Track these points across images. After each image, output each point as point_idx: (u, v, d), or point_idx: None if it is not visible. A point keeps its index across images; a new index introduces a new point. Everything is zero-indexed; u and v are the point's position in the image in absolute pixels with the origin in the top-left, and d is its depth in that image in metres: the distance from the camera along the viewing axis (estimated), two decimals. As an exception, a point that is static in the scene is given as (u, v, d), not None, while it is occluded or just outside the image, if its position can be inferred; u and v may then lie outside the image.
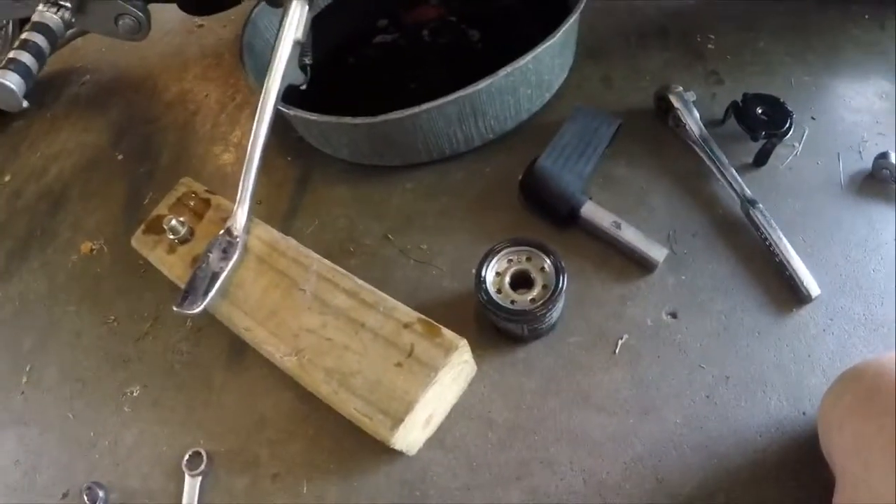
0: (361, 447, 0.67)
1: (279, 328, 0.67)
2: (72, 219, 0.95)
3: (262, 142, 0.75)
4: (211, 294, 0.68)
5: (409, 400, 0.59)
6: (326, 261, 0.70)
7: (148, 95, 1.09)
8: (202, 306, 0.67)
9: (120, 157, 1.00)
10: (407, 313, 0.64)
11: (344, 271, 0.69)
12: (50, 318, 0.86)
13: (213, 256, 0.71)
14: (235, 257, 0.71)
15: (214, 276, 0.70)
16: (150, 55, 1.17)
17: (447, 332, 0.62)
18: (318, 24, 0.80)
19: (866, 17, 0.91)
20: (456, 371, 0.65)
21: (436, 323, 0.63)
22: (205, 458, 0.68)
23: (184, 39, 1.20)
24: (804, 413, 0.62)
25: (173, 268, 0.75)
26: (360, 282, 0.68)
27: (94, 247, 0.91)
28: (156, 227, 0.79)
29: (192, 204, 0.81)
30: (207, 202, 0.80)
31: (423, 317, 0.64)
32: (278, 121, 0.78)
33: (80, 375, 0.79)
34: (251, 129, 0.74)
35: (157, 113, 1.05)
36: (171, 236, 0.75)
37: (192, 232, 0.77)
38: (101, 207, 0.95)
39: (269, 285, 0.70)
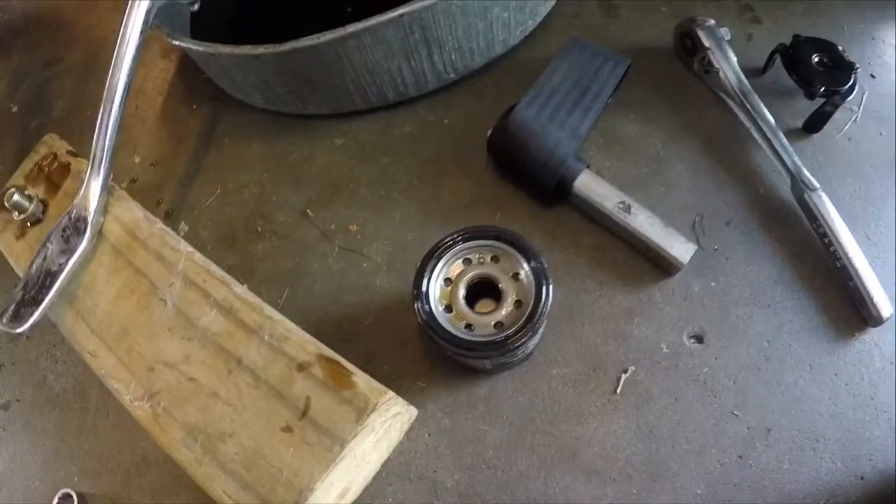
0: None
1: (130, 356, 0.45)
2: (-43, 182, 0.79)
3: (124, 78, 0.50)
4: (44, 303, 0.47)
5: (301, 486, 0.37)
6: (199, 256, 0.46)
7: (52, 34, 0.88)
8: (28, 324, 0.47)
9: (14, 108, 0.79)
10: (303, 346, 0.40)
11: (221, 273, 0.45)
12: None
13: (53, 248, 0.49)
14: (81, 249, 0.48)
15: (51, 277, 0.48)
16: (63, -14, 0.98)
17: (362, 382, 0.38)
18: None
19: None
20: (380, 431, 0.42)
21: (345, 363, 0.40)
22: (76, 502, 0.53)
23: (101, -37, 1.00)
24: (862, 478, 0.45)
25: (20, 258, 0.53)
26: (241, 290, 0.43)
27: (-29, 218, 0.73)
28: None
29: (49, 170, 0.55)
30: (67, 167, 0.55)
31: (327, 352, 0.40)
32: (186, 58, 0.65)
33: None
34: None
35: (59, 54, 0.83)
36: (17, 215, 0.53)
37: (44, 209, 0.54)
38: (-13, 170, 0.77)
39: (123, 289, 0.47)
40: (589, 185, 0.51)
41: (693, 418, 0.47)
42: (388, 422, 0.41)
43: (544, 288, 0.40)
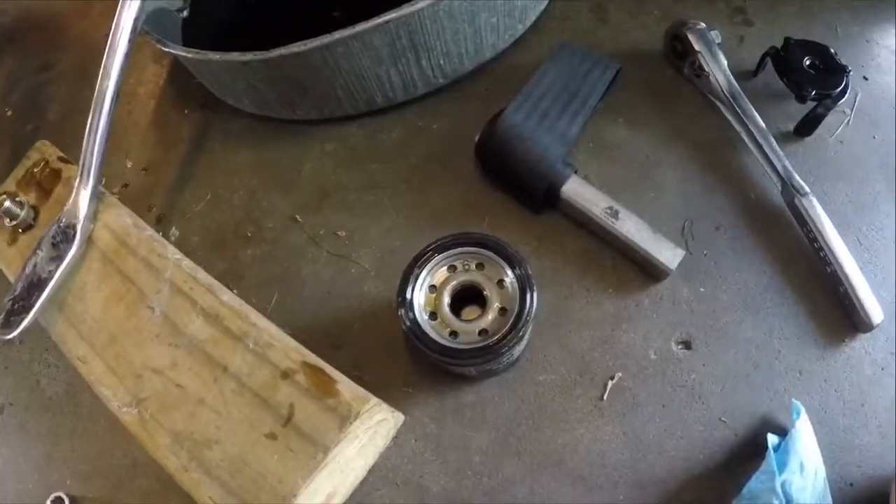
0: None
1: (118, 363, 0.45)
2: (-48, 185, 0.78)
3: (112, 85, 0.50)
4: (34, 310, 0.47)
5: (284, 492, 0.38)
6: (187, 263, 0.46)
7: (47, 38, 0.88)
8: (18, 330, 0.47)
9: (9, 112, 0.80)
10: (287, 353, 0.40)
11: (208, 279, 0.45)
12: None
13: (43, 255, 0.49)
14: (70, 256, 0.48)
15: (41, 284, 0.48)
16: (58, -10, 0.97)
17: (345, 389, 0.39)
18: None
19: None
20: (365, 438, 0.42)
21: (329, 371, 0.40)
22: None
23: (94, -34, 0.99)
24: (851, 485, 0.45)
25: (11, 264, 0.53)
26: (227, 297, 0.44)
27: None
28: (-2, 209, 0.57)
29: (40, 177, 0.56)
30: (58, 174, 0.55)
31: (311, 359, 0.40)
32: (177, 63, 0.65)
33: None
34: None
35: (53, 59, 0.84)
36: (9, 221, 0.54)
37: (36, 215, 0.54)
38: (-18, 174, 0.77)
39: (111, 296, 0.47)
40: (577, 190, 0.51)
41: (680, 425, 0.47)
42: (373, 428, 0.41)
43: (528, 295, 0.40)
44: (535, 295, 0.40)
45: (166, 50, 0.55)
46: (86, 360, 0.46)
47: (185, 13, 0.57)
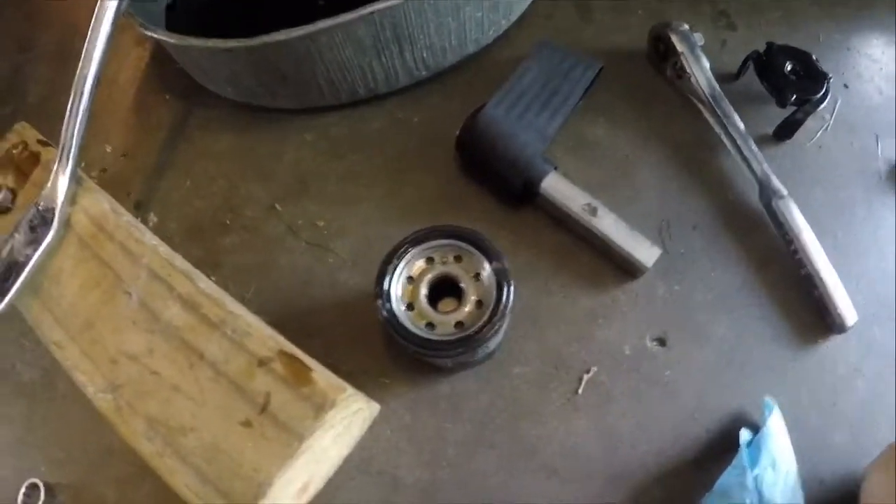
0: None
1: (94, 348, 0.45)
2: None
3: (94, 68, 0.50)
4: (9, 294, 0.47)
5: (259, 481, 0.38)
6: (165, 249, 0.46)
7: (26, 17, 0.86)
8: None
9: None
10: (264, 341, 0.41)
11: (186, 266, 0.45)
12: None
13: (20, 239, 0.49)
14: (47, 240, 0.48)
15: (17, 267, 0.48)
16: (41, -36, 0.94)
17: (321, 379, 0.39)
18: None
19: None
20: (340, 427, 0.42)
21: (306, 359, 0.40)
22: (42, 492, 0.52)
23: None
24: (822, 482, 0.46)
25: None
26: (205, 284, 0.44)
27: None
28: (-23, 191, 0.57)
29: (18, 159, 0.56)
30: (36, 157, 0.55)
31: (288, 348, 0.41)
32: (160, 48, 0.65)
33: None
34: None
35: (34, 38, 0.83)
36: None
37: (13, 198, 0.54)
38: (-41, 157, 0.74)
39: (88, 281, 0.47)
40: (556, 186, 0.51)
41: (653, 421, 0.48)
42: (349, 418, 0.42)
43: (505, 289, 0.41)
44: (511, 288, 0.41)
45: (148, 34, 0.55)
46: (61, 345, 0.46)
47: (172, -1, 0.57)
